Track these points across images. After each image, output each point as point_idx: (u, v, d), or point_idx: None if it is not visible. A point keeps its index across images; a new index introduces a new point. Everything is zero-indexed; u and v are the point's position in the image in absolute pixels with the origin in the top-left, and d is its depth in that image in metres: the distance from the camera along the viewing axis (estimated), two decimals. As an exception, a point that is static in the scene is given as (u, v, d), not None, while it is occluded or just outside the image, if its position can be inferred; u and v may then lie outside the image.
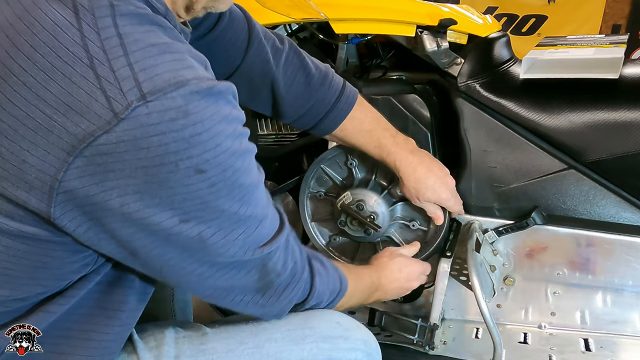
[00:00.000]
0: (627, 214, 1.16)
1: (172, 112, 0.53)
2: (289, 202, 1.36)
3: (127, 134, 0.52)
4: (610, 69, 1.15)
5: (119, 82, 0.52)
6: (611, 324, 1.24)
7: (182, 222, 0.58)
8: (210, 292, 0.69)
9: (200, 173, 0.56)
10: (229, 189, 0.59)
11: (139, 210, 0.56)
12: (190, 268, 0.63)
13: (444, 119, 1.30)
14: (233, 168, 0.58)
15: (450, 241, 1.21)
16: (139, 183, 0.54)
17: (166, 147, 0.53)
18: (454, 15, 1.24)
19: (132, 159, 0.53)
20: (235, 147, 0.58)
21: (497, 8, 4.14)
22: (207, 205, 0.58)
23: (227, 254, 0.63)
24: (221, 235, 0.61)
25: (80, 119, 0.52)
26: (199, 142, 0.55)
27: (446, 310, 1.34)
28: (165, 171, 0.54)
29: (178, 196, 0.56)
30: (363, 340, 0.81)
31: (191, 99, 0.54)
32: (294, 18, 1.19)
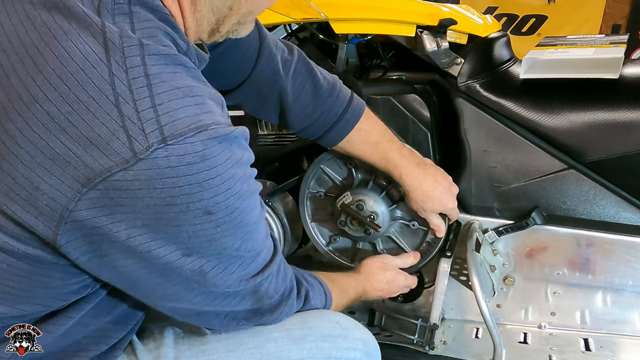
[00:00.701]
0: (627, 214, 1.16)
1: (190, 157, 0.54)
2: (289, 202, 1.36)
3: (143, 173, 0.53)
4: (610, 69, 1.15)
5: (142, 123, 0.53)
6: (611, 324, 1.24)
7: (184, 256, 0.59)
8: (208, 320, 0.72)
9: (209, 215, 0.57)
10: (234, 229, 0.61)
11: (144, 244, 0.57)
12: (187, 297, 0.65)
13: (444, 119, 1.30)
14: (240, 209, 0.60)
15: (450, 241, 1.21)
16: (148, 219, 0.55)
17: (180, 189, 0.54)
18: (454, 15, 1.24)
19: (144, 196, 0.54)
20: (243, 189, 0.60)
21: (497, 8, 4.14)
22: (211, 243, 0.60)
23: (224, 285, 0.66)
24: (220, 269, 0.63)
25: (99, 154, 0.53)
26: (212, 186, 0.56)
27: (446, 310, 1.34)
28: (176, 211, 0.55)
29: (184, 233, 0.58)
30: (362, 340, 0.82)
31: (209, 144, 0.55)
32: (294, 18, 1.19)
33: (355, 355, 0.79)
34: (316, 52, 1.34)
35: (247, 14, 0.72)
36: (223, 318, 0.72)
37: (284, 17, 1.19)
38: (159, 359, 0.73)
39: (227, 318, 0.72)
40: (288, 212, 1.33)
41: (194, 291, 0.65)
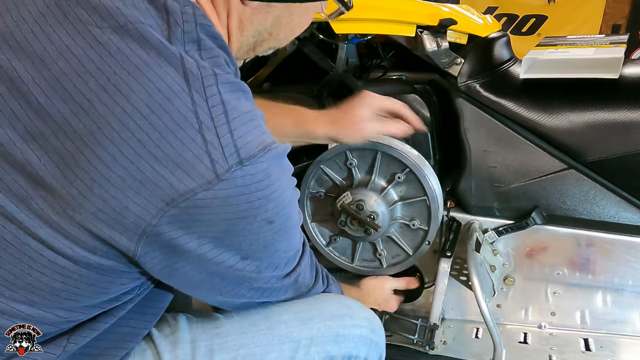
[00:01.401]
0: (627, 214, 1.16)
1: (260, 175, 0.60)
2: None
3: (222, 192, 0.58)
4: (610, 69, 1.15)
5: (222, 147, 0.58)
6: (611, 324, 1.24)
7: (242, 259, 0.66)
8: (250, 307, 0.80)
9: (270, 224, 0.64)
10: (286, 233, 0.69)
11: (211, 251, 0.63)
12: (240, 293, 0.72)
13: (444, 119, 1.30)
14: (290, 215, 0.68)
15: (450, 241, 1.21)
16: (218, 231, 0.62)
17: (251, 204, 0.61)
18: (454, 15, 1.24)
19: (220, 212, 0.60)
20: (293, 196, 0.69)
21: (497, 8, 4.14)
22: (267, 247, 0.67)
23: (272, 281, 0.74)
24: (272, 269, 0.71)
25: (185, 177, 0.57)
26: (274, 198, 0.63)
27: (446, 310, 1.34)
28: (245, 223, 0.62)
29: (247, 242, 0.65)
30: (367, 318, 0.86)
31: (272, 162, 0.62)
32: (294, 18, 1.19)
33: (362, 332, 0.83)
34: (316, 52, 1.34)
35: (283, 39, 0.80)
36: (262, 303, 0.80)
37: (284, 17, 1.18)
38: (176, 343, 0.76)
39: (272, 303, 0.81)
40: (288, 212, 1.33)
41: (246, 288, 0.72)
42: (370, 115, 1.07)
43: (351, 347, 0.81)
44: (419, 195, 1.17)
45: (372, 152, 1.17)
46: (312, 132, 1.06)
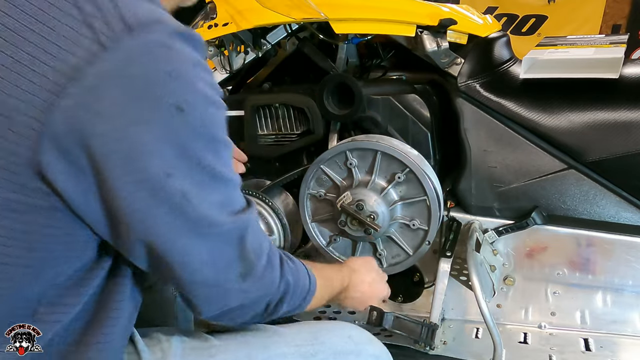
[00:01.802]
0: (627, 214, 1.16)
1: (156, 46, 0.54)
2: (289, 202, 1.36)
3: (112, 65, 0.52)
4: (610, 69, 1.15)
5: (104, 16, 0.53)
6: (611, 324, 1.24)
7: (166, 175, 0.57)
8: (197, 269, 0.65)
9: (181, 111, 0.56)
10: (205, 136, 0.59)
11: (126, 158, 0.56)
12: (173, 236, 0.61)
13: (444, 119, 1.30)
14: (208, 114, 0.59)
15: (450, 241, 1.21)
16: (126, 125, 0.54)
17: (148, 79, 0.54)
18: (454, 15, 1.24)
19: (117, 94, 0.53)
20: (210, 95, 0.60)
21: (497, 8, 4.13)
22: (187, 152, 0.58)
23: (209, 216, 0.62)
24: (201, 193, 0.60)
25: (66, 55, 0.52)
26: (179, 78, 0.55)
27: (446, 310, 1.34)
28: (150, 107, 0.55)
29: (162, 140, 0.56)
30: (374, 356, 0.80)
31: (173, 37, 0.56)
32: (294, 18, 1.19)
33: None
34: (316, 52, 1.34)
35: None
36: (213, 273, 0.66)
37: (284, 17, 1.19)
38: None
39: (217, 271, 0.66)
40: (288, 212, 1.33)
41: (179, 228, 0.61)
42: None
43: None
44: (419, 195, 1.17)
45: (372, 152, 1.17)
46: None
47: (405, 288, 1.36)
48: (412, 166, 1.15)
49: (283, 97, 1.31)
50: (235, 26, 1.19)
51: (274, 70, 1.50)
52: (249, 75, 1.55)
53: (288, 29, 1.37)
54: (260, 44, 1.36)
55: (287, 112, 1.32)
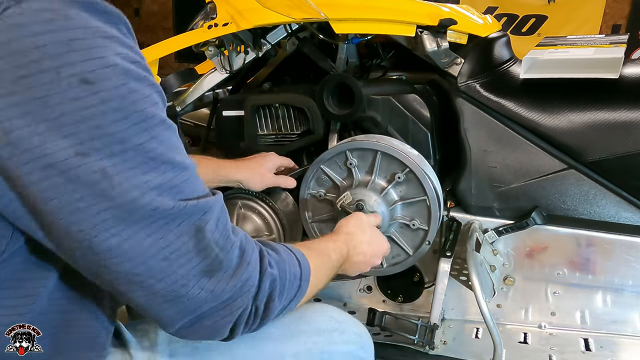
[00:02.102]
0: (627, 214, 1.16)
1: (48, 13, 0.49)
2: (289, 202, 1.36)
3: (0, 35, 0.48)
4: (610, 69, 1.15)
5: None
6: (611, 324, 1.24)
7: (78, 154, 0.51)
8: (141, 270, 0.56)
9: (87, 84, 0.50)
10: (126, 110, 0.52)
11: (26, 139, 0.49)
12: (103, 226, 0.53)
13: (444, 119, 1.30)
14: (128, 87, 0.52)
15: (450, 241, 1.21)
16: (21, 102, 0.49)
17: (43, 49, 0.48)
18: (454, 15, 1.24)
19: (9, 68, 0.48)
20: (128, 67, 0.53)
21: (497, 8, 4.14)
22: (104, 129, 0.51)
23: (142, 201, 0.54)
24: (130, 174, 0.53)
25: None
26: (80, 48, 0.50)
27: (446, 310, 1.34)
28: (47, 81, 0.49)
29: (68, 117, 0.50)
30: (357, 334, 0.82)
31: (70, 5, 0.50)
32: (294, 18, 1.19)
33: (350, 348, 0.79)
34: (316, 52, 1.34)
35: None
36: (165, 272, 0.57)
37: (284, 17, 1.19)
38: (154, 358, 0.72)
39: (171, 270, 0.57)
40: (288, 212, 1.33)
41: (108, 215, 0.53)
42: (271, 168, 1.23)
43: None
44: (419, 195, 1.17)
45: (372, 152, 1.17)
46: (225, 177, 1.19)
47: (405, 288, 1.36)
48: (412, 166, 1.15)
49: (283, 97, 1.31)
50: (235, 26, 1.19)
51: (274, 70, 1.51)
52: (249, 75, 1.55)
53: (288, 29, 1.37)
54: (260, 44, 1.36)
55: (287, 112, 1.32)
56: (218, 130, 1.40)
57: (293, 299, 0.71)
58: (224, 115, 1.36)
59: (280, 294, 0.67)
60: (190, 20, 1.31)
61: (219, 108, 1.38)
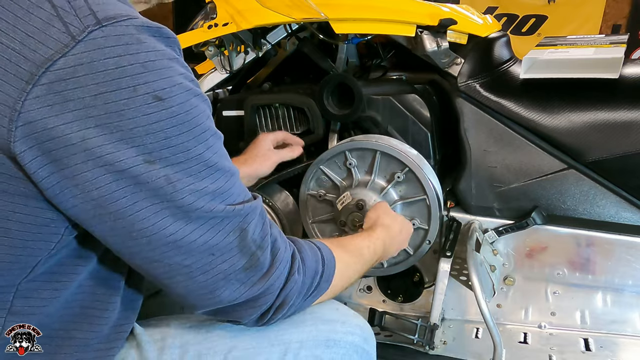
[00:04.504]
0: (627, 214, 1.16)
1: (127, 38, 0.55)
2: (289, 202, 1.36)
3: (84, 56, 0.54)
4: (610, 69, 1.15)
5: (74, 9, 0.55)
6: (611, 324, 1.24)
7: (147, 162, 0.57)
8: (190, 262, 0.63)
9: (159, 100, 0.57)
10: (190, 124, 0.59)
11: (101, 146, 0.55)
12: (162, 224, 0.60)
13: (444, 119, 1.30)
14: (191, 104, 0.60)
15: (450, 241, 1.21)
16: (99, 114, 0.55)
17: (123, 70, 0.55)
18: (454, 15, 1.24)
19: (90, 84, 0.54)
20: (190, 86, 0.60)
21: (497, 8, 4.14)
22: (170, 141, 0.58)
23: (199, 204, 0.61)
24: (190, 181, 0.60)
25: (38, 44, 0.53)
26: (154, 68, 0.57)
27: (446, 310, 1.34)
28: (124, 97, 0.55)
29: (140, 129, 0.56)
30: (359, 326, 0.83)
31: (142, 30, 0.57)
32: (294, 18, 1.19)
33: (353, 339, 0.80)
34: (316, 52, 1.34)
35: None
36: (209, 262, 0.64)
37: (284, 17, 1.19)
38: (163, 349, 0.73)
39: (214, 260, 0.65)
40: (288, 212, 1.33)
41: (168, 215, 0.60)
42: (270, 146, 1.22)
43: (342, 354, 0.78)
44: (419, 194, 1.17)
45: (371, 152, 1.17)
46: None
47: (405, 288, 1.36)
48: (411, 165, 1.15)
49: (283, 97, 1.31)
50: (235, 26, 1.19)
51: (274, 70, 1.51)
52: (249, 75, 1.55)
53: (288, 29, 1.37)
54: (260, 44, 1.36)
55: (287, 112, 1.32)
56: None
57: (309, 297, 0.77)
58: (224, 115, 1.37)
59: (299, 295, 0.74)
60: (190, 20, 1.31)
61: (219, 108, 1.38)
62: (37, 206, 0.59)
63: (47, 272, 0.64)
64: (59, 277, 0.65)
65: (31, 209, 0.59)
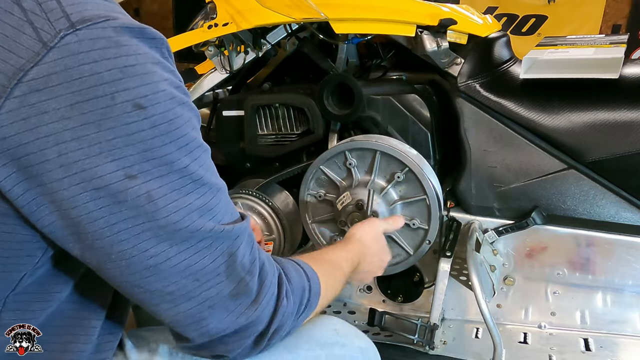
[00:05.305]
0: (627, 214, 1.16)
1: (103, 41, 0.51)
2: (289, 203, 1.36)
3: (58, 64, 0.50)
4: (610, 69, 1.15)
5: (45, 13, 0.51)
6: (611, 324, 1.24)
7: (127, 177, 0.53)
8: (173, 289, 0.58)
9: (140, 109, 0.52)
10: (173, 135, 0.55)
11: (79, 161, 0.51)
12: (143, 246, 0.55)
13: (444, 119, 1.30)
14: (175, 112, 0.55)
15: (450, 241, 1.21)
16: (76, 126, 0.51)
17: (99, 76, 0.51)
18: (454, 15, 1.24)
19: (65, 93, 0.50)
20: (174, 93, 0.55)
21: (497, 8, 4.13)
22: (153, 153, 0.54)
23: (184, 223, 0.56)
24: (173, 197, 0.55)
25: (7, 54, 0.50)
26: (134, 74, 0.52)
27: (446, 310, 1.34)
28: (102, 106, 0.51)
29: (119, 140, 0.52)
30: (360, 348, 0.79)
31: (122, 32, 0.52)
32: (294, 18, 1.19)
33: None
34: (316, 52, 1.34)
35: None
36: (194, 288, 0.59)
37: (284, 17, 1.19)
38: None
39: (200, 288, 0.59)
40: (288, 212, 1.33)
41: (151, 236, 0.55)
42: None
43: None
44: (419, 194, 1.17)
45: (371, 152, 1.17)
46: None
47: (405, 288, 1.36)
48: (411, 165, 1.15)
49: (283, 97, 1.31)
50: (235, 26, 1.19)
51: (274, 70, 1.51)
52: (249, 75, 1.55)
53: (288, 29, 1.37)
54: (260, 44, 1.36)
55: (287, 112, 1.32)
56: (218, 130, 1.40)
57: (302, 315, 0.72)
58: (224, 115, 1.37)
59: (291, 316, 0.69)
60: (190, 20, 1.31)
61: (219, 108, 1.38)
62: (15, 223, 0.56)
63: (35, 283, 0.61)
64: (49, 288, 0.63)
65: (10, 226, 0.56)
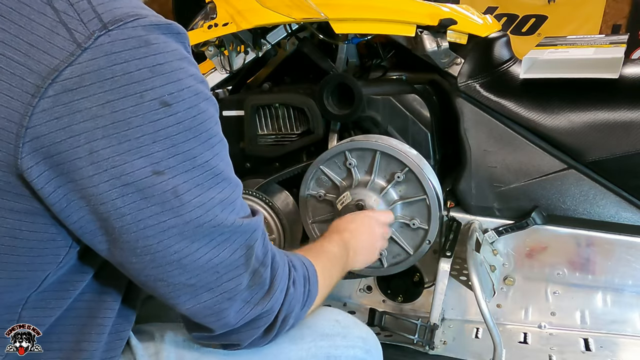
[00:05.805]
0: (627, 214, 1.16)
1: (134, 41, 0.53)
2: (289, 202, 1.36)
3: (91, 64, 0.52)
4: (610, 69, 1.15)
5: (78, 14, 0.52)
6: (611, 324, 1.24)
7: (155, 173, 0.55)
8: (195, 282, 0.61)
9: (166, 106, 0.55)
10: (197, 130, 0.57)
11: (109, 159, 0.54)
12: (168, 242, 0.58)
13: (444, 119, 1.30)
14: (199, 108, 0.58)
15: (450, 241, 1.21)
16: (106, 124, 0.53)
17: (130, 76, 0.53)
18: (454, 15, 1.24)
19: (97, 92, 0.52)
20: (199, 89, 0.58)
21: (497, 8, 4.13)
22: (177, 148, 0.56)
23: (206, 218, 0.59)
24: (197, 192, 0.58)
25: (42, 55, 0.51)
26: (162, 72, 0.54)
27: (446, 310, 1.34)
28: (131, 104, 0.53)
29: (147, 137, 0.54)
30: (361, 338, 0.81)
31: (151, 30, 0.54)
32: (294, 18, 1.19)
33: (355, 353, 0.78)
34: (316, 52, 1.34)
35: None
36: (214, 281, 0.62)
37: (284, 17, 1.19)
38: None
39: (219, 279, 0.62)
40: (288, 212, 1.33)
41: (175, 232, 0.58)
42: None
43: None
44: (419, 194, 1.17)
45: (371, 152, 1.17)
46: None
47: (405, 288, 1.36)
48: (411, 165, 1.15)
49: (283, 97, 1.31)
50: (235, 26, 1.19)
51: (274, 70, 1.51)
52: (249, 75, 1.55)
53: (288, 29, 1.37)
54: (260, 44, 1.36)
55: (287, 112, 1.32)
56: (218, 130, 1.40)
57: (306, 306, 0.74)
58: (223, 115, 1.37)
59: (298, 305, 0.71)
60: (190, 20, 1.31)
61: (219, 108, 1.38)
62: (43, 222, 0.58)
63: (56, 281, 0.63)
64: (68, 285, 0.64)
65: (37, 225, 0.58)
